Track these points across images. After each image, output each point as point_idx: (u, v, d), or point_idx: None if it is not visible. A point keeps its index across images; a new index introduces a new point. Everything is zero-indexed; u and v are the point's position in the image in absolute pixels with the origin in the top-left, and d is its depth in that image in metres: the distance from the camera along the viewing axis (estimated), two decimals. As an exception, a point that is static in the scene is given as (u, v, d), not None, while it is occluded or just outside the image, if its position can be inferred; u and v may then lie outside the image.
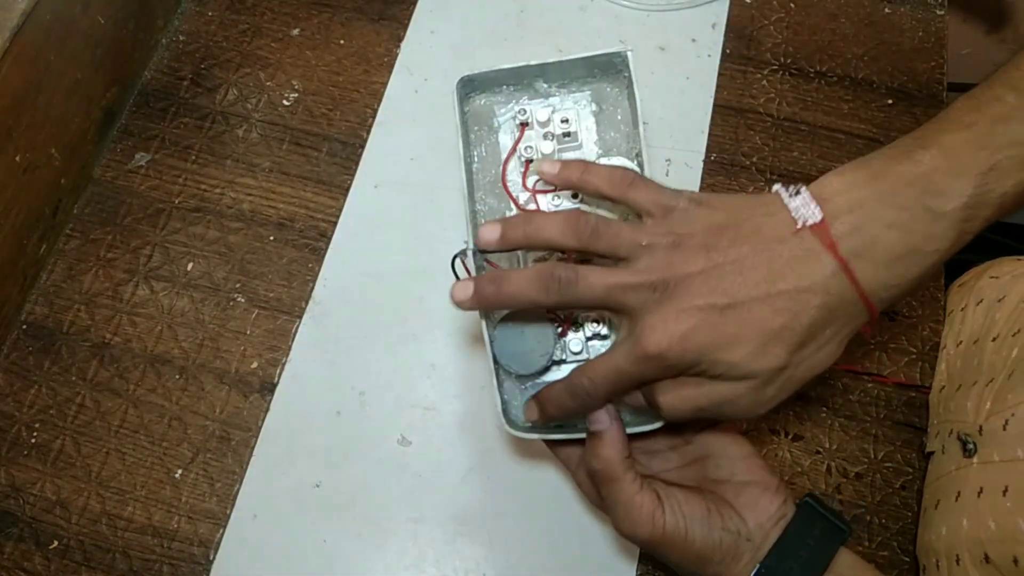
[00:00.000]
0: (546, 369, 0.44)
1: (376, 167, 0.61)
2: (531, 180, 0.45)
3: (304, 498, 0.52)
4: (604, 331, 0.44)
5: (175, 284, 0.58)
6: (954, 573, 0.43)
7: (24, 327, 0.57)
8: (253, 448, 0.53)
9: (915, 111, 0.63)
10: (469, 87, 0.46)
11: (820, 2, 0.67)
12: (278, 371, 0.55)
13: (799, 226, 0.36)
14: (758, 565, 0.39)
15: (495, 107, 0.47)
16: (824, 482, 0.53)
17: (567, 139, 0.46)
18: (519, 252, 0.45)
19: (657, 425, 0.41)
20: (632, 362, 0.37)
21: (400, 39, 0.66)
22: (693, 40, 0.66)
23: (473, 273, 0.43)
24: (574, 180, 0.41)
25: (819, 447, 0.54)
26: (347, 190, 0.60)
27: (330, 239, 0.59)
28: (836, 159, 0.62)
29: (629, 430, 0.41)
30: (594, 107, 0.47)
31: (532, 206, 0.44)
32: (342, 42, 0.66)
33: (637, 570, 0.50)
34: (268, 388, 0.55)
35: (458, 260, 0.43)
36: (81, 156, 0.60)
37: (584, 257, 0.41)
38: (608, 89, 0.47)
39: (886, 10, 0.67)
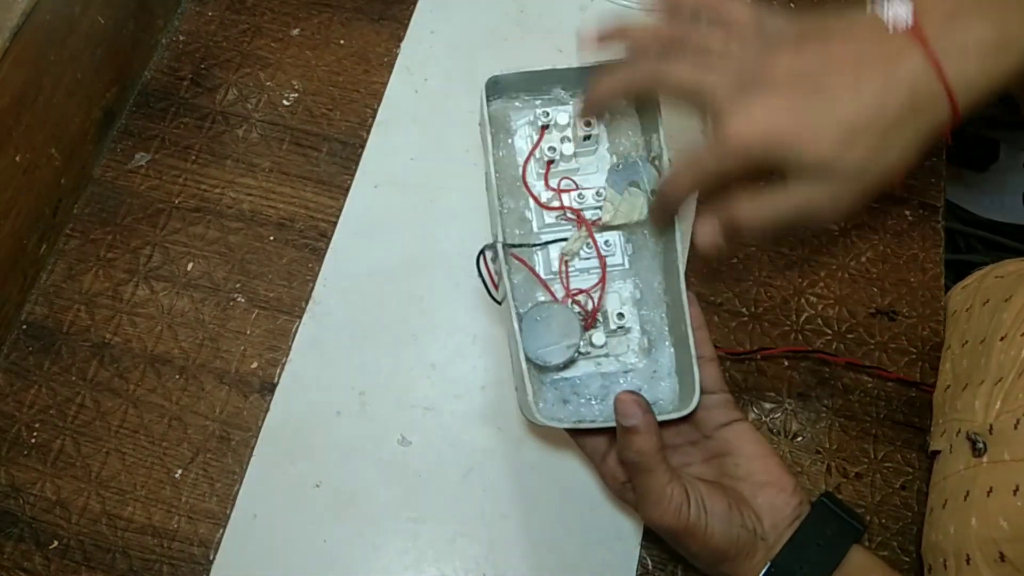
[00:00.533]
0: (572, 361, 0.44)
1: (376, 167, 0.61)
2: (554, 180, 0.46)
3: (304, 498, 0.52)
4: (627, 324, 0.45)
5: (175, 284, 0.58)
6: (963, 572, 0.43)
7: (24, 327, 0.57)
8: (253, 448, 0.53)
9: (915, 111, 0.63)
10: (492, 89, 0.47)
11: (820, 2, 0.67)
12: (278, 371, 0.55)
13: (891, 29, 0.36)
14: (768, 563, 0.40)
15: (511, 112, 0.48)
16: (824, 482, 0.53)
17: (587, 142, 0.47)
18: (537, 252, 0.46)
19: (686, 412, 0.42)
20: (715, 155, 0.37)
21: (400, 39, 0.66)
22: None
23: (497, 270, 0.43)
24: (591, 91, 0.42)
25: (819, 447, 0.54)
26: (347, 190, 0.60)
27: (330, 239, 0.59)
28: (836, 159, 0.61)
29: (663, 417, 0.41)
30: (607, 115, 0.48)
31: (555, 203, 0.46)
32: (342, 42, 0.66)
33: (637, 570, 0.50)
34: (268, 388, 0.55)
35: (483, 255, 0.44)
36: (81, 156, 0.60)
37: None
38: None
39: (886, 10, 0.67)
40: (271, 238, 0.59)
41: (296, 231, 0.60)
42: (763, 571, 0.40)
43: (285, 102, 0.64)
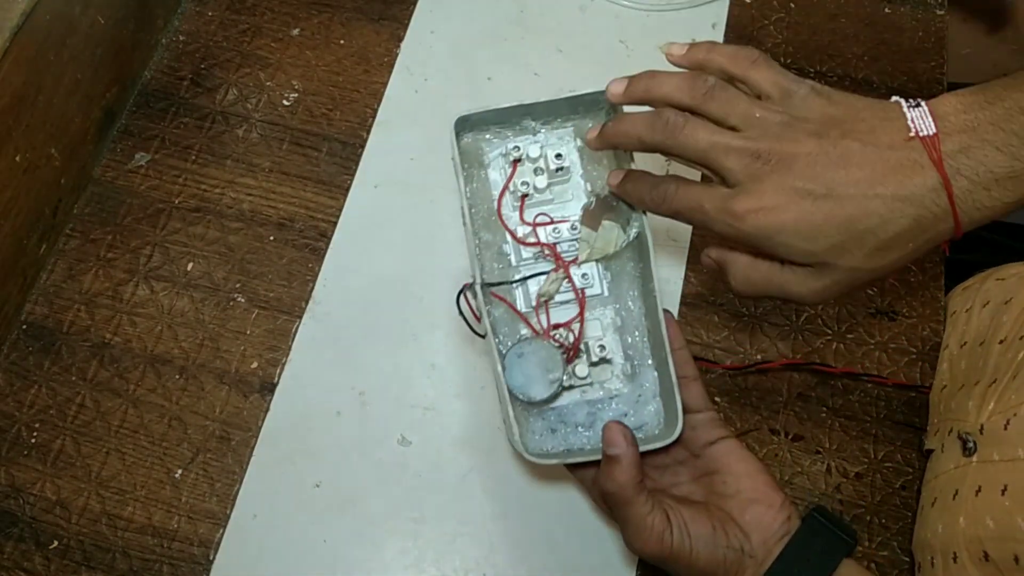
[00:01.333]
0: (556, 395, 0.45)
1: (376, 167, 0.61)
2: (529, 213, 0.47)
3: (304, 498, 0.52)
4: (608, 356, 0.45)
5: (175, 284, 0.58)
6: (950, 570, 0.43)
7: (24, 327, 0.57)
8: (253, 448, 0.53)
9: (915, 111, 0.63)
10: (462, 126, 0.47)
11: (820, 2, 0.68)
12: (278, 371, 0.55)
13: (912, 134, 0.36)
14: None
15: (483, 145, 0.48)
16: (824, 482, 0.53)
17: (559, 173, 0.47)
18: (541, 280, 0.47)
19: (670, 440, 0.42)
20: (717, 211, 0.38)
21: (400, 39, 0.66)
22: (693, 40, 0.65)
23: (478, 307, 0.44)
24: (700, 58, 0.42)
25: (819, 447, 0.54)
26: (347, 190, 0.60)
27: (330, 239, 0.59)
28: (836, 159, 0.62)
29: (644, 447, 0.42)
30: (578, 142, 0.48)
31: (532, 239, 0.46)
32: (342, 42, 0.66)
33: (636, 571, 0.50)
34: (268, 388, 0.55)
35: (463, 295, 0.44)
36: (81, 156, 0.60)
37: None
38: (590, 124, 0.48)
39: (886, 10, 0.67)
40: (271, 238, 0.59)
41: (296, 231, 0.60)
42: None
43: (285, 102, 0.64)
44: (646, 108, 0.42)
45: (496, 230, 0.47)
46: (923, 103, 0.37)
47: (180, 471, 0.53)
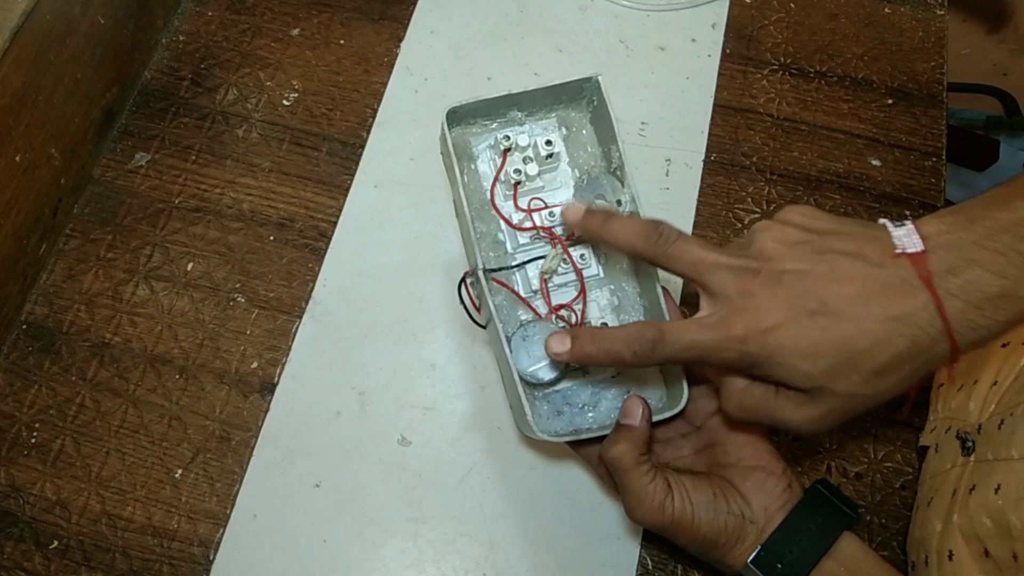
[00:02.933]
0: (561, 377, 0.45)
1: (376, 167, 0.61)
2: (522, 200, 0.47)
3: (304, 498, 0.52)
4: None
5: (175, 284, 0.58)
6: (944, 568, 0.43)
7: (24, 327, 0.57)
8: (253, 448, 0.53)
9: (915, 111, 0.63)
10: (453, 118, 0.47)
11: (820, 2, 0.68)
12: (278, 371, 0.55)
13: (899, 251, 0.36)
14: (759, 547, 0.40)
15: (470, 138, 0.49)
16: (824, 482, 0.53)
17: (549, 160, 0.48)
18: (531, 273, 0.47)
19: (676, 411, 0.43)
20: (713, 340, 0.37)
21: (400, 39, 0.66)
22: (693, 40, 0.66)
23: (480, 295, 0.44)
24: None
25: (819, 447, 0.54)
26: (347, 190, 0.61)
27: (330, 239, 0.59)
28: (836, 159, 0.62)
29: (655, 418, 0.42)
30: (563, 131, 0.49)
31: (527, 224, 0.47)
32: (342, 42, 0.66)
33: (637, 570, 0.50)
34: (268, 388, 0.55)
35: (465, 283, 0.45)
36: (81, 156, 0.60)
37: None
38: (573, 114, 0.49)
39: (886, 10, 0.67)
40: (271, 238, 0.59)
41: (296, 231, 0.60)
42: (753, 554, 0.40)
43: (285, 102, 0.64)
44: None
45: (490, 220, 0.48)
46: (908, 222, 0.37)
47: (180, 471, 0.53)
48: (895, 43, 0.66)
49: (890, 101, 0.64)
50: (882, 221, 0.38)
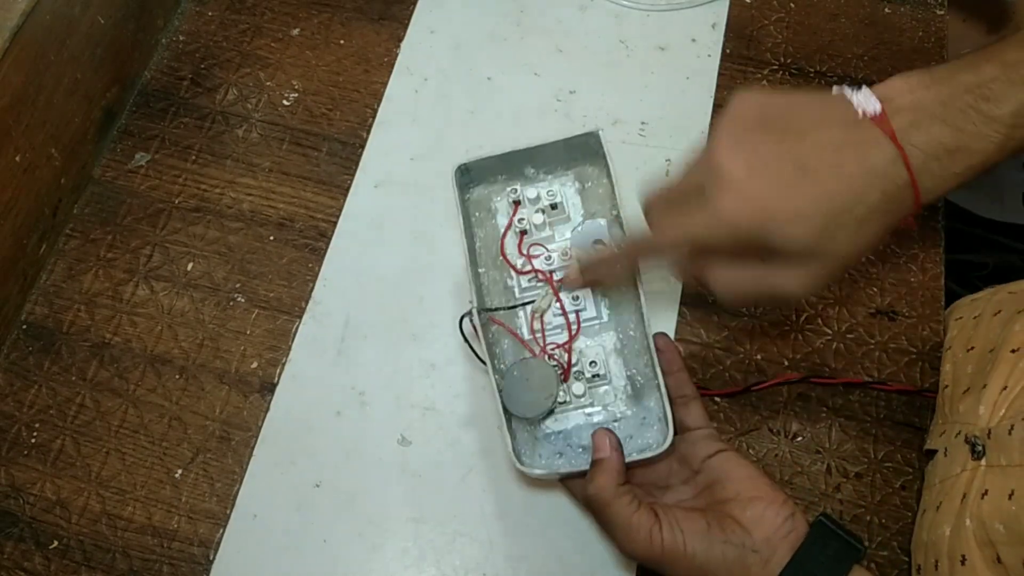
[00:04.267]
0: (551, 412, 0.47)
1: (376, 167, 0.61)
2: (525, 246, 0.51)
3: (304, 498, 0.52)
4: (601, 371, 0.48)
5: (175, 284, 0.58)
6: (956, 572, 0.43)
7: (24, 327, 0.57)
8: (253, 448, 0.53)
9: (915, 111, 0.63)
10: (467, 176, 0.51)
11: (820, 2, 0.67)
12: (278, 371, 0.55)
13: (860, 115, 0.37)
14: None
15: (492, 195, 0.53)
16: (824, 482, 0.53)
17: (555, 210, 0.51)
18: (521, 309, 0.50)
19: (662, 450, 0.43)
20: (706, 226, 0.38)
21: (400, 39, 0.66)
22: (693, 40, 0.66)
23: (479, 330, 0.47)
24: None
25: (819, 447, 0.54)
26: (347, 190, 0.60)
27: (330, 239, 0.59)
28: (836, 159, 0.62)
29: (637, 457, 0.43)
30: (578, 185, 0.52)
31: (527, 267, 0.50)
32: (342, 42, 0.66)
33: (636, 570, 0.50)
34: (268, 388, 0.55)
35: (465, 320, 0.47)
36: (81, 156, 0.60)
37: None
38: (589, 170, 0.52)
39: (886, 10, 0.67)
40: (271, 238, 0.59)
41: (296, 231, 0.60)
42: None
43: (285, 102, 0.64)
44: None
45: (502, 267, 0.51)
46: (864, 87, 0.38)
47: (180, 471, 0.53)
48: (895, 43, 0.66)
49: (890, 101, 0.64)
50: (836, 88, 0.39)
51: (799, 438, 0.54)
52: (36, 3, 0.52)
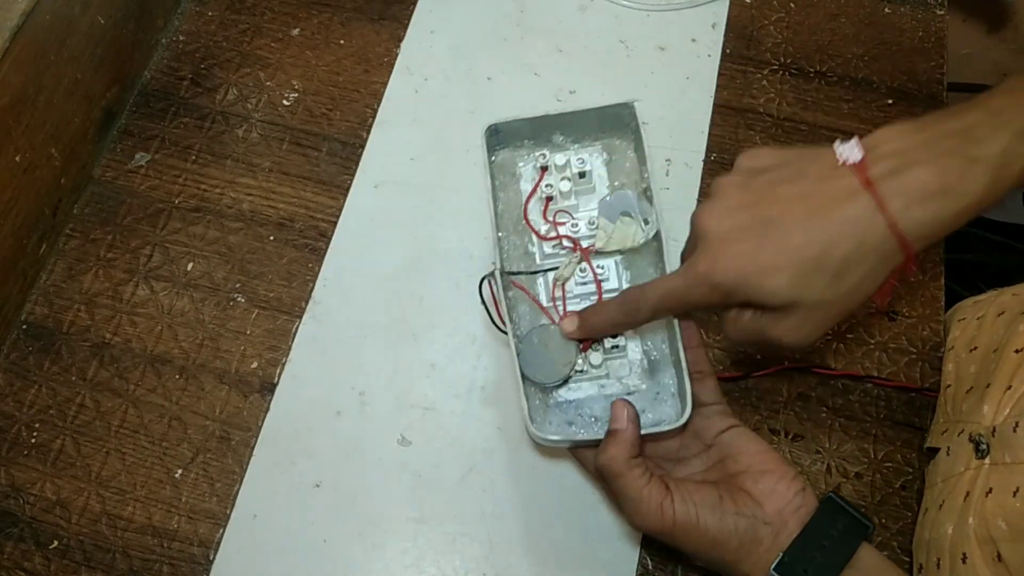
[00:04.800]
0: (567, 380, 0.46)
1: (376, 167, 0.61)
2: (551, 213, 0.49)
3: (304, 498, 0.52)
4: (620, 343, 0.47)
5: (175, 284, 0.58)
6: (957, 571, 0.43)
7: (24, 327, 0.57)
8: (253, 448, 0.53)
9: (915, 111, 0.63)
10: (495, 137, 0.50)
11: (820, 2, 0.67)
12: (278, 371, 0.55)
13: (840, 163, 0.38)
14: (781, 554, 0.40)
15: (517, 160, 0.52)
16: (824, 482, 0.53)
17: (582, 179, 0.50)
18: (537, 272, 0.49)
19: (678, 424, 0.43)
20: (684, 283, 0.40)
21: (400, 39, 0.66)
22: (693, 40, 0.66)
23: (499, 293, 0.46)
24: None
25: (819, 447, 0.54)
26: (347, 190, 0.61)
27: (330, 239, 0.59)
28: (836, 159, 0.62)
29: (653, 429, 0.43)
30: (605, 156, 0.51)
31: (553, 233, 0.49)
32: (342, 42, 0.66)
33: (637, 570, 0.50)
34: (268, 388, 0.55)
35: (486, 281, 0.47)
36: (81, 156, 0.60)
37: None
38: (617, 142, 0.51)
39: (886, 10, 0.67)
40: (271, 238, 0.59)
41: (296, 231, 0.60)
42: (776, 561, 0.40)
43: (285, 102, 0.64)
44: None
45: (523, 233, 0.50)
46: (855, 137, 0.39)
47: (180, 471, 0.53)
48: (895, 43, 0.66)
49: (890, 101, 0.64)
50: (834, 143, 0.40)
51: (799, 438, 0.54)
52: (36, 3, 0.52)
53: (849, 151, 0.38)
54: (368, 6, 0.67)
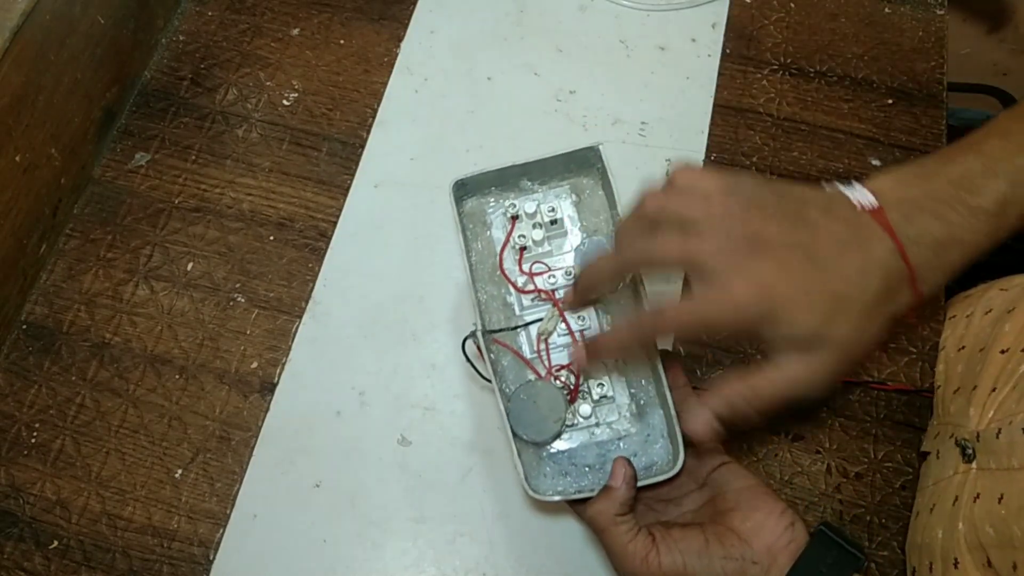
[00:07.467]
0: (558, 435, 0.47)
1: (376, 167, 0.61)
2: (527, 264, 0.50)
3: (304, 498, 0.52)
4: (608, 392, 0.47)
5: (175, 284, 0.58)
6: (950, 575, 0.43)
7: (24, 327, 0.57)
8: (253, 448, 0.53)
9: (915, 111, 0.63)
10: (462, 190, 0.50)
11: (820, 2, 0.67)
12: (278, 371, 0.55)
13: (859, 209, 0.38)
14: None
15: (486, 207, 0.51)
16: (824, 482, 0.53)
17: (554, 226, 0.50)
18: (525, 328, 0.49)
19: (672, 473, 0.44)
20: (713, 308, 0.38)
21: (400, 39, 0.66)
22: (693, 40, 0.66)
23: (484, 353, 0.46)
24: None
25: (819, 447, 0.54)
26: (347, 190, 0.61)
27: (330, 239, 0.59)
28: (836, 159, 0.62)
29: (648, 480, 0.43)
30: (574, 197, 0.51)
31: (530, 287, 0.49)
32: (342, 42, 0.66)
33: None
34: (268, 388, 0.55)
35: (468, 341, 0.47)
36: (81, 156, 0.60)
37: None
38: (584, 181, 0.51)
39: (886, 10, 0.67)
40: (271, 238, 0.59)
41: (296, 231, 0.60)
42: None
43: (285, 102, 0.64)
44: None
45: (500, 284, 0.50)
46: (855, 183, 0.39)
47: (180, 471, 0.53)
48: (895, 43, 0.66)
49: (890, 101, 0.64)
50: (826, 184, 0.40)
51: (799, 438, 0.54)
52: (36, 3, 0.52)
53: (863, 197, 0.38)
54: (368, 6, 0.67)
